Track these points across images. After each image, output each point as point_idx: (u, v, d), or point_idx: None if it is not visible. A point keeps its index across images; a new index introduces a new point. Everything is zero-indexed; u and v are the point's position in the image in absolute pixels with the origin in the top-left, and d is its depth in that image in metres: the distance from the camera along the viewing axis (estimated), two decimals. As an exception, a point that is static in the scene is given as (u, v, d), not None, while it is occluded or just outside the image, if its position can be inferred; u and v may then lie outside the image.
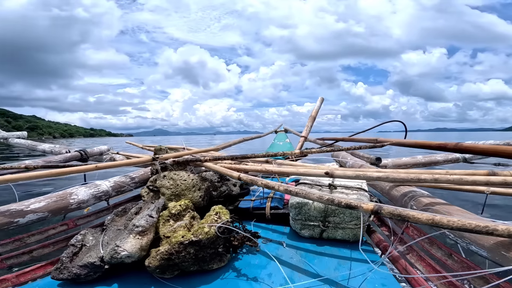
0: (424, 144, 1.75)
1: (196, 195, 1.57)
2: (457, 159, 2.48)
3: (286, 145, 5.48)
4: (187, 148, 2.50)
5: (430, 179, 0.97)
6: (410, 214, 0.73)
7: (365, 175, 1.13)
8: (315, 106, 3.92)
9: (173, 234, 1.12)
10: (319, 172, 1.22)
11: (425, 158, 2.53)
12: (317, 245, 1.38)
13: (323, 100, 3.99)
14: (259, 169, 1.51)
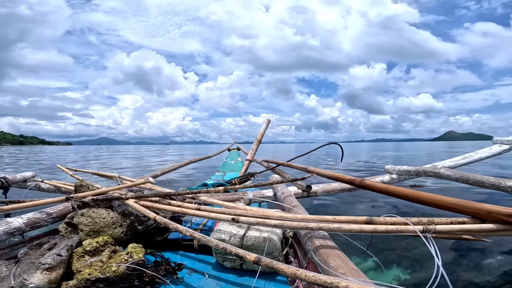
0: (338, 177, 1.94)
1: (117, 231, 1.61)
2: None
3: (237, 164, 5.57)
4: (121, 177, 2.43)
5: (316, 227, 1.09)
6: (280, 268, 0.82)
7: (264, 222, 1.23)
8: (261, 128, 4.07)
9: (84, 269, 1.21)
10: (227, 218, 1.30)
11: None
12: (238, 275, 1.47)
13: (269, 122, 4.16)
14: (176, 210, 1.54)
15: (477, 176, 1.88)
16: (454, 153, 21.43)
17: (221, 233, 1.56)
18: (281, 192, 2.31)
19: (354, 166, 9.36)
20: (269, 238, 1.47)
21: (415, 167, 2.62)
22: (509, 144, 3.24)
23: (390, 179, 2.81)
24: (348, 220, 1.14)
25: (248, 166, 3.64)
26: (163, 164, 12.34)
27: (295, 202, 1.91)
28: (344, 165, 9.41)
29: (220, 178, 4.63)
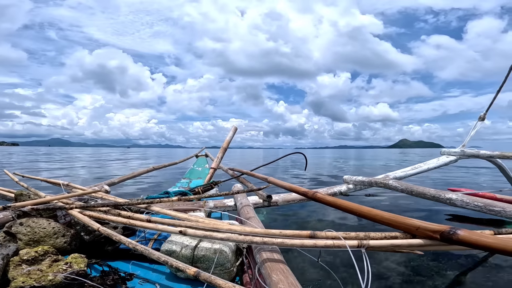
0: (293, 189, 2.01)
1: (59, 241, 1.57)
2: (335, 193, 2.87)
3: (205, 171, 5.49)
4: (71, 185, 2.30)
5: (260, 241, 1.12)
6: (218, 283, 0.84)
7: (211, 235, 1.24)
8: (228, 136, 4.06)
9: (18, 278, 1.18)
10: (174, 230, 1.29)
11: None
12: (191, 286, 1.44)
13: (236, 130, 4.17)
14: (123, 221, 1.50)
15: (419, 188, 2.04)
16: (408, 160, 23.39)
17: (172, 244, 1.53)
18: (240, 203, 2.33)
19: (320, 174, 9.62)
20: (220, 249, 1.47)
21: (368, 178, 2.77)
22: (455, 156, 3.55)
23: (347, 189, 2.96)
24: (293, 234, 1.18)
25: (212, 174, 3.61)
26: (124, 169, 11.77)
27: (251, 213, 1.94)
28: (311, 173, 9.64)
29: (185, 186, 4.53)
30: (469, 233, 0.90)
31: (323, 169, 12.62)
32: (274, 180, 2.43)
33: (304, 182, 7.51)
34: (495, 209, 1.49)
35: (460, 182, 6.94)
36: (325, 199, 1.58)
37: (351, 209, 1.36)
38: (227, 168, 4.17)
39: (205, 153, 6.68)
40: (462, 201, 1.66)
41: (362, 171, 12.16)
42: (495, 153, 3.26)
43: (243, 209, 2.13)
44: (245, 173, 3.37)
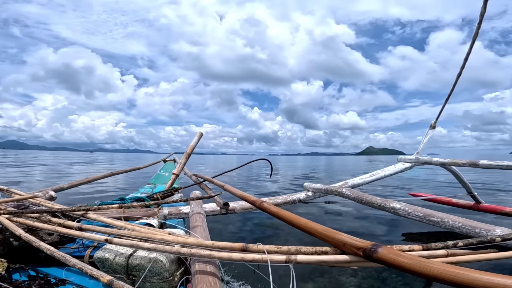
0: (244, 197, 1.99)
1: None
2: (294, 201, 2.88)
3: (171, 177, 5.34)
4: (10, 191, 2.12)
5: (187, 253, 1.12)
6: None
7: (138, 245, 1.18)
8: (192, 141, 3.97)
9: None
10: (100, 238, 1.22)
11: (271, 199, 2.87)
12: None
13: (202, 136, 4.09)
14: (49, 228, 1.41)
15: (368, 197, 2.08)
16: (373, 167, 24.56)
17: (106, 251, 1.47)
18: (192, 210, 2.27)
19: (288, 180, 9.69)
20: (155, 258, 1.41)
21: (325, 186, 2.80)
22: (410, 163, 3.70)
23: (306, 196, 2.97)
24: (225, 246, 1.14)
25: (174, 180, 3.51)
26: (81, 174, 11.13)
27: (199, 222, 1.89)
28: (283, 180, 9.68)
29: (149, 191, 4.36)
30: (388, 251, 0.89)
31: (294, 175, 12.76)
32: (229, 188, 2.39)
33: (272, 189, 7.55)
34: (434, 220, 1.54)
35: (433, 186, 7.27)
36: (269, 209, 1.55)
37: (291, 221, 1.34)
38: (191, 174, 4.07)
39: (174, 158, 6.50)
40: (404, 210, 1.71)
41: (331, 178, 12.49)
42: (446, 160, 3.43)
43: (193, 217, 2.08)
44: (207, 179, 3.31)
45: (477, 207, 3.89)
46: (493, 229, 1.27)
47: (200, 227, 1.81)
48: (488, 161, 3.06)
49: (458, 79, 3.13)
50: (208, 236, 1.73)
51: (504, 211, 3.64)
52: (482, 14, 2.44)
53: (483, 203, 3.87)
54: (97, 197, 5.26)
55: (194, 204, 2.45)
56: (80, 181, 3.10)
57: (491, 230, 1.26)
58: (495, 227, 1.28)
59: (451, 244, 1.03)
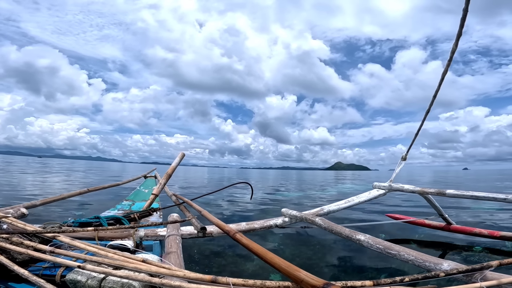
0: (219, 225, 2.05)
1: None
2: (270, 226, 2.96)
3: (151, 194, 5.27)
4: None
5: (158, 283, 1.17)
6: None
7: (110, 273, 1.24)
8: (174, 162, 4.00)
9: None
10: (73, 264, 1.27)
11: (248, 224, 2.93)
12: None
13: (184, 156, 4.13)
14: (21, 251, 1.44)
15: (338, 227, 2.20)
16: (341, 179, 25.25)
17: (78, 273, 1.48)
18: (169, 233, 2.30)
19: (265, 202, 9.68)
20: (128, 284, 1.43)
21: (300, 213, 2.91)
22: (384, 189, 3.90)
23: (282, 222, 3.06)
24: (196, 277, 1.21)
25: (153, 201, 3.51)
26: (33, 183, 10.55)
27: (173, 248, 1.93)
28: (259, 202, 9.68)
29: (127, 208, 4.29)
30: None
31: (269, 193, 12.78)
32: (206, 214, 2.45)
33: (251, 210, 7.62)
34: (391, 252, 1.66)
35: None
36: (241, 241, 1.63)
37: (259, 254, 1.42)
38: (171, 193, 4.08)
39: (155, 174, 6.43)
40: (368, 242, 1.83)
41: (303, 191, 12.57)
42: (416, 188, 3.66)
43: (168, 241, 2.12)
44: (186, 201, 3.34)
45: (448, 228, 4.18)
46: (441, 263, 1.39)
47: (174, 254, 1.85)
48: (454, 191, 3.30)
49: (429, 108, 3.35)
50: (181, 263, 1.77)
51: (473, 231, 3.93)
52: (453, 51, 2.63)
53: (454, 224, 4.15)
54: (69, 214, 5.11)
55: (171, 228, 2.47)
56: (53, 198, 3.06)
57: (439, 264, 1.39)
58: (443, 261, 1.41)
59: (398, 279, 1.14)
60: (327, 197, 11.71)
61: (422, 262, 1.46)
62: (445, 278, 1.26)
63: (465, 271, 1.27)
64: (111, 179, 14.39)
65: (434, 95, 2.95)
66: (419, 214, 5.03)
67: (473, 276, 1.29)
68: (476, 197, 2.99)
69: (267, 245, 4.08)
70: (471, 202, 7.59)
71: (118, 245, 2.12)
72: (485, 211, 7.03)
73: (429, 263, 1.43)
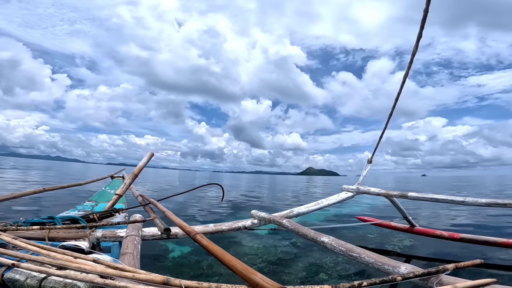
0: (181, 226, 1.94)
1: None
2: (239, 228, 2.91)
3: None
4: None
5: (102, 283, 1.10)
6: None
7: (48, 271, 1.14)
8: (141, 162, 3.83)
9: None
10: (6, 262, 1.16)
11: (216, 226, 2.85)
12: None
13: (152, 156, 3.96)
14: None
15: (304, 229, 2.18)
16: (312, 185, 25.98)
17: (17, 272, 1.36)
18: (128, 234, 2.20)
19: (237, 204, 9.64)
20: (72, 284, 1.32)
21: (269, 215, 2.89)
22: (352, 192, 3.99)
23: (251, 224, 3.01)
24: (146, 278, 1.12)
25: (116, 201, 3.33)
26: None
27: (130, 249, 1.84)
28: (231, 204, 9.61)
29: (89, 209, 4.05)
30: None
31: (241, 196, 12.75)
32: (169, 215, 2.36)
33: (221, 213, 7.54)
34: (353, 255, 1.66)
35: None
36: (201, 242, 1.56)
37: (217, 256, 1.37)
38: (138, 194, 3.90)
39: (123, 174, 6.14)
40: (331, 245, 1.82)
41: (277, 198, 12.73)
42: (382, 191, 3.79)
43: (125, 242, 2.03)
44: (151, 202, 3.20)
45: (412, 230, 4.35)
46: (399, 266, 1.40)
47: (130, 255, 1.76)
48: (416, 193, 3.43)
49: (392, 111, 3.48)
50: (137, 264, 1.67)
51: (435, 233, 4.12)
52: (413, 53, 2.73)
53: (417, 227, 4.34)
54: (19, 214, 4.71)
55: (131, 228, 2.35)
56: (4, 196, 2.79)
57: (397, 267, 1.40)
58: (401, 264, 1.42)
59: (357, 284, 1.12)
60: (298, 200, 11.86)
61: (381, 265, 1.47)
62: (402, 282, 1.26)
63: (421, 274, 1.27)
64: (71, 180, 13.45)
65: (396, 98, 3.06)
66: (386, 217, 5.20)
67: (429, 280, 1.29)
68: (435, 200, 3.13)
69: (234, 247, 4.03)
70: (433, 205, 8.00)
71: (70, 245, 1.99)
72: (445, 214, 7.45)
73: (387, 266, 1.44)
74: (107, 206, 3.26)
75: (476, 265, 1.34)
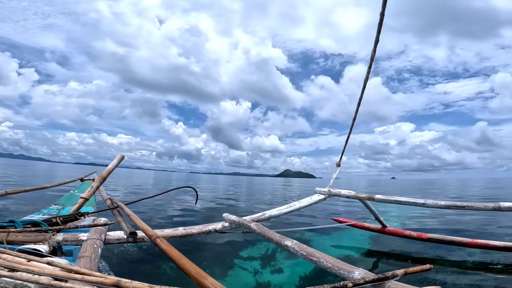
0: (143, 229, 1.91)
1: None
2: (209, 231, 2.89)
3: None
4: None
5: (47, 283, 1.08)
6: None
7: None
8: (110, 164, 3.72)
9: None
10: None
11: (185, 229, 2.82)
12: None
13: (123, 159, 3.86)
14: None
15: (270, 233, 2.21)
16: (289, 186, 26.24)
17: None
18: (89, 237, 2.16)
19: (211, 207, 9.54)
20: (22, 285, 1.27)
21: (239, 218, 2.90)
22: (324, 194, 4.08)
23: (222, 227, 3.00)
24: (96, 280, 1.11)
25: (81, 205, 3.22)
26: None
27: (88, 252, 1.81)
28: (205, 207, 9.47)
29: (55, 213, 3.88)
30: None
31: (216, 198, 12.65)
32: (134, 219, 2.33)
33: (195, 216, 7.47)
34: (313, 259, 1.69)
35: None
36: (160, 246, 1.54)
37: (174, 260, 1.36)
38: (107, 197, 3.78)
39: (94, 177, 5.92)
40: (294, 248, 1.86)
41: (253, 200, 12.74)
42: (351, 193, 3.92)
43: (84, 245, 1.99)
44: (120, 206, 3.12)
45: (383, 230, 4.50)
46: (353, 271, 1.43)
47: (87, 258, 1.74)
48: (382, 196, 3.57)
49: (354, 121, 3.59)
50: (93, 266, 1.65)
51: (404, 234, 4.29)
52: (372, 57, 2.79)
53: (388, 227, 4.49)
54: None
55: (93, 232, 2.30)
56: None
57: (351, 272, 1.43)
58: (355, 269, 1.45)
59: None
60: (272, 202, 11.91)
61: (338, 269, 1.49)
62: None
63: (372, 281, 1.26)
64: (35, 180, 12.78)
65: (358, 103, 3.17)
66: (360, 218, 5.35)
67: (379, 287, 1.30)
68: (399, 202, 3.27)
69: (203, 251, 4.00)
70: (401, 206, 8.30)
71: (28, 249, 1.93)
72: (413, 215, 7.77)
73: (343, 271, 1.46)
74: (72, 209, 3.15)
75: (425, 270, 1.37)
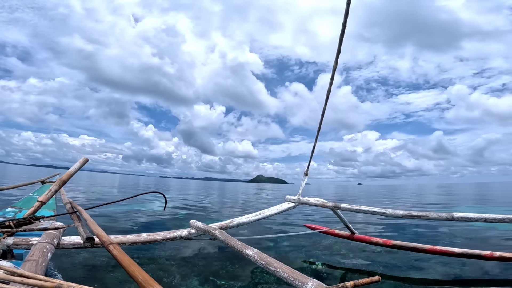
0: (98, 235, 1.83)
1: None
2: (174, 237, 2.83)
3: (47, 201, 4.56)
4: None
5: None
6: None
7: None
8: (72, 167, 3.54)
9: None
10: None
11: (149, 235, 2.74)
12: None
13: (86, 162, 3.68)
14: None
15: (233, 240, 2.19)
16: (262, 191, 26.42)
17: None
18: (39, 241, 2.06)
19: (179, 213, 9.33)
20: None
21: (205, 225, 2.86)
22: (294, 202, 4.13)
23: (188, 234, 2.94)
24: (36, 284, 1.09)
25: (38, 208, 3.04)
26: None
27: (36, 256, 1.74)
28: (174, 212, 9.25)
29: (10, 215, 3.63)
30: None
31: (186, 204, 12.42)
32: (90, 223, 2.25)
33: (163, 221, 7.30)
34: (271, 268, 1.68)
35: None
36: (112, 252, 1.49)
37: (124, 266, 1.32)
38: (68, 201, 3.59)
39: (56, 180, 5.61)
40: (254, 257, 1.84)
41: (224, 206, 12.70)
42: (319, 202, 4.01)
43: (32, 249, 1.91)
44: (79, 210, 2.98)
45: (352, 237, 4.61)
46: (307, 282, 1.42)
47: (33, 262, 1.67)
48: (347, 205, 3.67)
49: (318, 132, 3.71)
50: (39, 270, 1.59)
51: (371, 240, 4.42)
52: (334, 68, 2.83)
53: (357, 234, 4.61)
54: None
55: (45, 236, 2.21)
56: None
57: (305, 282, 1.42)
58: (309, 279, 1.44)
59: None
60: (243, 209, 11.86)
61: (293, 280, 1.48)
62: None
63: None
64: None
65: (322, 114, 3.28)
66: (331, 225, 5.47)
67: None
68: (362, 211, 3.37)
69: (164, 257, 3.92)
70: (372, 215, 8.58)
71: None
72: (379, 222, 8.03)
73: (298, 281, 1.45)
74: (27, 213, 2.96)
75: (374, 282, 1.39)
